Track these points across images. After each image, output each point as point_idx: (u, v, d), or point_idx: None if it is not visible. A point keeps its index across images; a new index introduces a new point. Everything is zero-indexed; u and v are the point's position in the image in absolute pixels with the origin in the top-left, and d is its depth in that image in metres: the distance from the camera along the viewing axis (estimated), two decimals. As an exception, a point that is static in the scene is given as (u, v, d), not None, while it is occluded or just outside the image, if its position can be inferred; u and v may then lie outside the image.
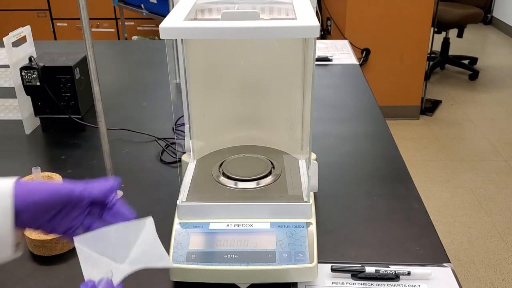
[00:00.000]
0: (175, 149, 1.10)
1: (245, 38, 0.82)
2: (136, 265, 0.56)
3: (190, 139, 0.88)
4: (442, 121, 3.32)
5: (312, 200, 0.76)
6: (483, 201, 2.47)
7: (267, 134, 0.89)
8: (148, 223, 0.58)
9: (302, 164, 0.88)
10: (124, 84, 1.55)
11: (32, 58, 1.19)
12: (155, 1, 2.96)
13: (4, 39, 1.11)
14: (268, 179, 0.82)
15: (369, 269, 0.72)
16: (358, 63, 1.69)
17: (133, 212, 0.58)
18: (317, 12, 3.19)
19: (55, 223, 0.54)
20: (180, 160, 0.90)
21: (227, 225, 0.74)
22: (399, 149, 1.11)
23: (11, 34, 1.13)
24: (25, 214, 0.51)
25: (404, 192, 0.95)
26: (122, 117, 1.28)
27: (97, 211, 0.57)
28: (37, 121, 1.26)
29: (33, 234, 0.77)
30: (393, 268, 0.72)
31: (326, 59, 1.67)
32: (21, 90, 1.19)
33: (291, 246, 0.70)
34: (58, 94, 1.21)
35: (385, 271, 0.72)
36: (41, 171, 0.83)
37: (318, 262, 0.70)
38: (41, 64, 1.18)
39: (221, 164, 0.85)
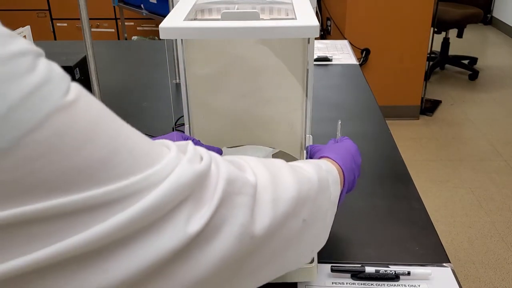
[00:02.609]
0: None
1: (245, 38, 0.82)
2: None
3: (190, 139, 0.88)
4: (442, 121, 3.32)
5: (312, 200, 0.76)
6: (483, 201, 2.47)
7: (267, 134, 0.89)
8: None
9: (302, 164, 0.88)
10: (124, 84, 1.55)
11: (32, 58, 1.19)
12: (155, 1, 2.96)
13: (4, 39, 1.11)
14: (268, 179, 0.82)
15: (369, 269, 0.72)
16: (358, 63, 1.69)
17: None
18: (317, 12, 3.19)
19: None
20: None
21: (227, 225, 0.74)
22: (399, 149, 1.11)
23: (11, 34, 1.13)
24: None
25: (404, 192, 0.95)
26: (122, 117, 1.27)
27: None
28: (37, 121, 1.25)
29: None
30: (393, 268, 0.72)
31: (326, 59, 1.67)
32: (21, 90, 1.19)
33: (291, 246, 0.70)
34: (58, 94, 1.21)
35: (385, 271, 0.72)
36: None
37: (318, 262, 0.70)
38: (41, 64, 1.18)
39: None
